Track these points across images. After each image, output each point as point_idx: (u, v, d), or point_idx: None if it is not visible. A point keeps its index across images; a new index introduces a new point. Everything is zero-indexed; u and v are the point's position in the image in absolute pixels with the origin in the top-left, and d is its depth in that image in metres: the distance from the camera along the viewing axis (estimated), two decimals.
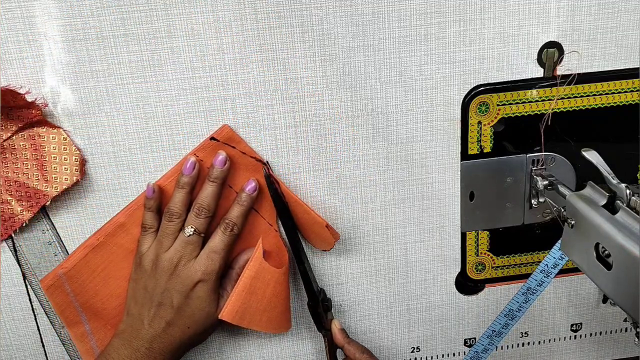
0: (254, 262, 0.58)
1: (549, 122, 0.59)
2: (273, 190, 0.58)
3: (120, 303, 0.59)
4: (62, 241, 0.58)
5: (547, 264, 0.58)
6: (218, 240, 0.56)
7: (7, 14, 0.50)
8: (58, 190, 0.55)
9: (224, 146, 0.56)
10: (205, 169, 0.57)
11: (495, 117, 0.59)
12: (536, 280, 0.59)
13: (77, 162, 0.55)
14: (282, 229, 0.60)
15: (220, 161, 0.56)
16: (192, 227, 0.55)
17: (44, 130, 0.54)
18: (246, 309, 0.57)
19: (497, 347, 0.65)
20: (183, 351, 0.58)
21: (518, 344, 0.69)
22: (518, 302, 0.61)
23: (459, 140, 0.60)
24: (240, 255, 0.60)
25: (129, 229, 0.58)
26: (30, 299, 0.60)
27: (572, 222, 0.52)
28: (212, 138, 0.56)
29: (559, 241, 0.56)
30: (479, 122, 0.59)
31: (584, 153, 0.52)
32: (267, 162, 0.58)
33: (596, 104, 0.59)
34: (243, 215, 0.58)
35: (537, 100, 0.59)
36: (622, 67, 0.59)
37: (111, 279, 0.58)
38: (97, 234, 0.57)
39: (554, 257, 0.58)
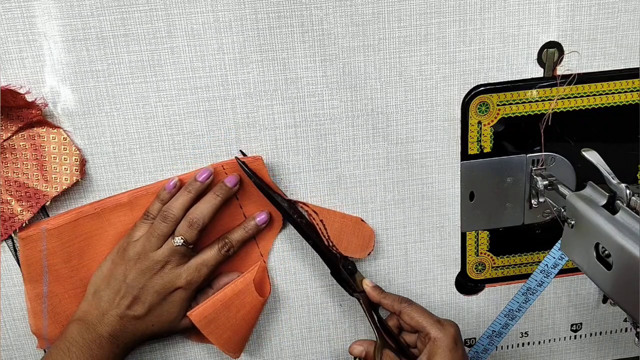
0: (242, 280, 0.59)
1: (549, 122, 0.59)
2: (292, 217, 0.58)
3: (87, 277, 0.58)
4: None
5: (547, 264, 0.59)
6: (212, 255, 0.57)
7: (7, 14, 0.50)
8: (58, 190, 0.55)
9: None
10: (216, 182, 0.57)
11: (495, 117, 0.59)
12: (536, 281, 0.60)
13: (77, 162, 0.55)
14: (271, 261, 0.61)
15: (231, 180, 0.56)
16: (182, 238, 0.55)
17: (44, 130, 0.54)
18: (215, 318, 0.58)
19: (497, 347, 0.65)
20: (142, 342, 0.58)
21: (518, 344, 0.69)
22: (518, 302, 0.61)
23: (459, 140, 0.60)
24: (220, 277, 0.60)
25: (127, 211, 0.57)
26: None
27: (572, 222, 0.52)
28: (240, 158, 0.56)
29: (559, 241, 0.56)
30: (479, 122, 0.59)
31: (584, 153, 0.52)
32: (292, 200, 0.59)
33: (596, 104, 0.59)
34: (243, 241, 0.58)
35: (537, 100, 0.59)
36: (622, 67, 0.59)
37: (89, 251, 0.58)
38: (95, 204, 0.57)
39: (554, 257, 0.58)
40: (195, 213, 0.55)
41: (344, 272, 0.60)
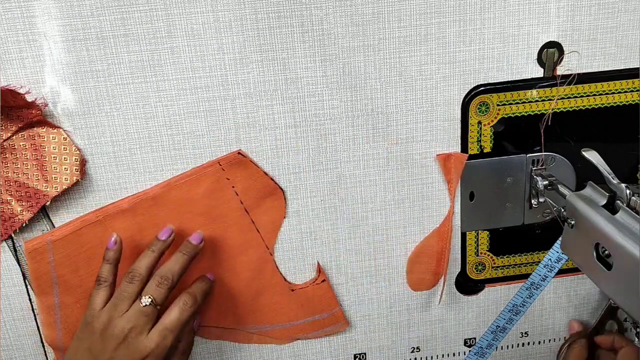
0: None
1: (549, 122, 0.59)
2: None
3: None
4: None
5: (550, 259, 0.58)
6: (174, 316, 0.53)
7: (7, 14, 0.50)
8: (58, 190, 0.55)
9: (241, 163, 0.57)
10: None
11: (495, 117, 0.59)
12: (540, 275, 0.60)
13: (77, 162, 0.55)
14: (278, 254, 0.61)
15: (196, 237, 0.56)
16: (149, 297, 0.53)
17: (44, 130, 0.54)
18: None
19: (499, 344, 0.65)
20: None
21: (518, 344, 0.69)
22: (522, 297, 0.61)
23: (459, 140, 0.60)
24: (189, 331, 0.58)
25: (130, 217, 0.57)
26: (30, 299, 0.60)
27: (572, 222, 0.52)
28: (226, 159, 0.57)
29: (561, 237, 0.56)
30: (479, 122, 0.59)
31: (584, 153, 0.52)
32: None
33: (596, 104, 0.59)
34: (205, 295, 0.56)
35: (537, 100, 0.59)
36: (622, 67, 0.59)
37: (95, 260, 0.57)
38: (97, 212, 0.57)
39: (557, 252, 0.58)
40: (164, 271, 0.54)
41: None
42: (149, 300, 0.52)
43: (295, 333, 0.64)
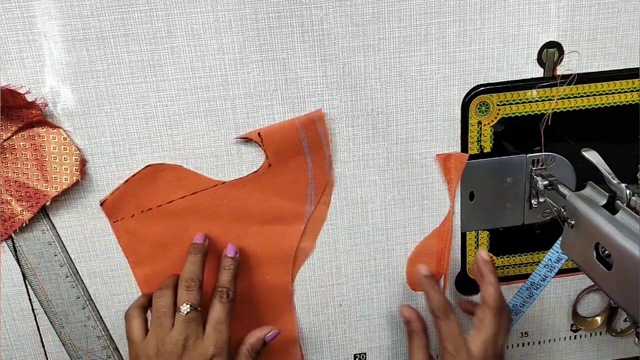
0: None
1: (549, 122, 0.59)
2: None
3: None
4: (62, 241, 0.58)
5: (550, 259, 0.59)
6: (218, 309, 0.54)
7: (7, 14, 0.50)
8: (58, 190, 0.55)
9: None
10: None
11: (495, 117, 0.59)
12: (540, 275, 0.60)
13: (77, 162, 0.55)
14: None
15: (199, 238, 0.57)
16: (187, 304, 0.53)
17: (44, 130, 0.54)
18: None
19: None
20: None
21: (518, 344, 0.69)
22: (522, 297, 0.61)
23: (459, 140, 0.60)
24: (254, 333, 0.58)
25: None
26: (30, 299, 0.60)
27: (572, 222, 0.52)
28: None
29: (561, 237, 0.56)
30: (479, 122, 0.59)
31: (584, 153, 0.52)
32: None
33: (596, 104, 0.59)
34: (234, 279, 0.56)
35: (537, 100, 0.59)
36: (622, 67, 0.59)
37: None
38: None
39: (557, 252, 0.58)
40: (186, 275, 0.54)
41: None
42: (188, 306, 0.53)
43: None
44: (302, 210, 0.59)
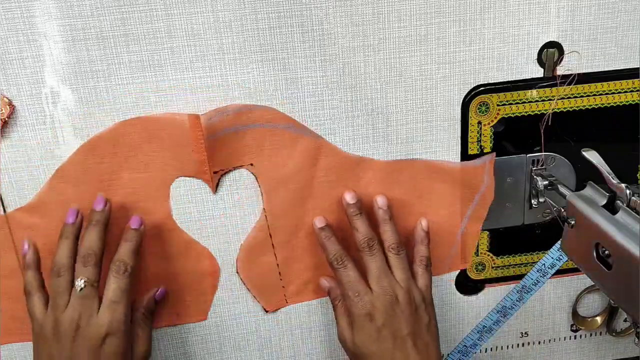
0: None
1: (549, 122, 0.59)
2: None
3: None
4: None
5: (544, 264, 0.59)
6: (114, 286, 0.52)
7: (7, 14, 0.50)
8: None
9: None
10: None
11: (495, 117, 0.59)
12: (532, 279, 0.60)
13: None
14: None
15: (99, 203, 0.54)
16: (82, 279, 0.51)
17: None
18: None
19: (485, 344, 0.65)
20: None
21: (518, 344, 0.69)
22: (512, 300, 0.61)
23: (459, 140, 0.60)
24: (144, 297, 0.58)
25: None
26: None
27: (572, 222, 0.52)
28: None
29: (559, 242, 0.56)
30: (479, 122, 0.59)
31: (584, 153, 0.52)
32: None
33: (596, 104, 0.59)
34: (134, 252, 0.54)
35: (537, 100, 0.59)
36: (622, 67, 0.59)
37: None
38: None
39: (552, 258, 0.58)
40: (83, 250, 0.52)
41: None
42: (83, 282, 0.51)
43: None
44: None
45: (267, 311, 0.63)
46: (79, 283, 0.51)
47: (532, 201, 0.62)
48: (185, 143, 0.55)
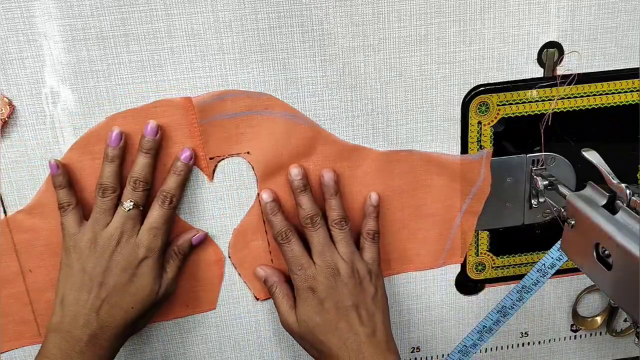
0: None
1: (549, 122, 0.59)
2: None
3: None
4: None
5: (544, 264, 0.58)
6: (157, 214, 0.54)
7: (7, 14, 0.50)
8: None
9: None
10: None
11: (495, 117, 0.59)
12: (532, 279, 0.59)
13: None
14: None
15: (150, 131, 0.54)
16: (130, 201, 0.53)
17: None
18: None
19: (486, 346, 0.65)
20: (125, 337, 0.55)
21: (518, 344, 0.69)
22: (512, 300, 0.61)
23: (459, 140, 0.60)
24: (182, 235, 0.58)
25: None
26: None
27: (572, 222, 0.52)
28: None
29: (558, 242, 0.56)
30: (479, 122, 0.59)
31: (584, 153, 0.52)
32: None
33: (596, 104, 0.59)
34: (180, 186, 0.55)
35: (537, 100, 0.59)
36: (622, 67, 0.59)
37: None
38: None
39: (552, 258, 0.58)
40: (134, 174, 0.53)
41: None
42: (131, 204, 0.53)
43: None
44: None
45: (257, 299, 0.62)
46: (127, 204, 0.53)
47: (532, 201, 0.62)
48: (179, 127, 0.55)
